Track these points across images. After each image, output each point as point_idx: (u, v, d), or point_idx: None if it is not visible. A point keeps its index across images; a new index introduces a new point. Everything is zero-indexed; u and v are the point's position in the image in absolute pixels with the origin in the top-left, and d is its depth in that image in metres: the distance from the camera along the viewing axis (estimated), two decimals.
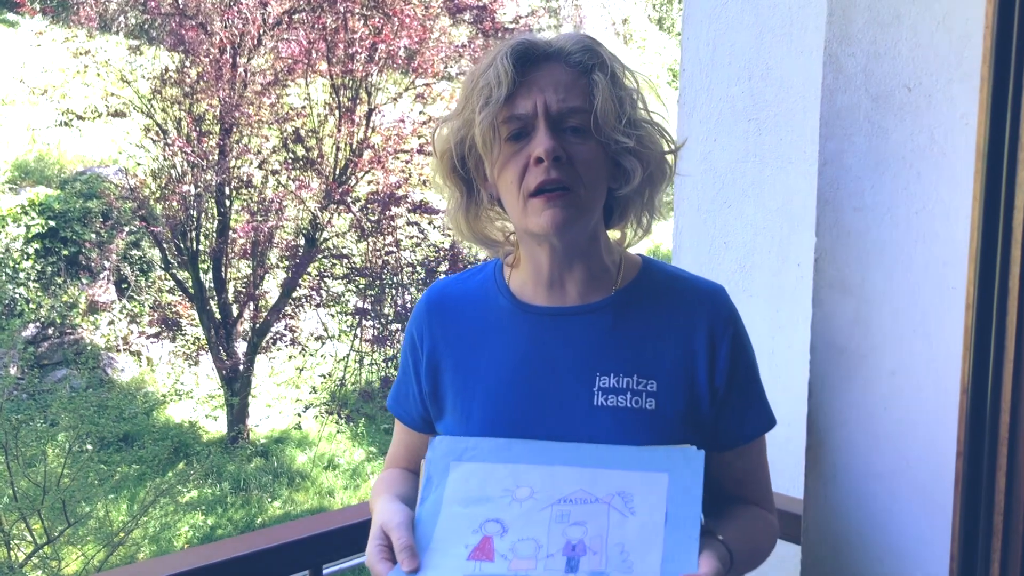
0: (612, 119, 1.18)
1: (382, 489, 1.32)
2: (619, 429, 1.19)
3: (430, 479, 1.20)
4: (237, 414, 11.18)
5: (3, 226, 11.35)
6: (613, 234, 1.32)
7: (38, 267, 11.48)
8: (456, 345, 1.30)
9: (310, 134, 11.13)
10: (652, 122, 1.24)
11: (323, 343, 11.91)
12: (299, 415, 11.27)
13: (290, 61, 10.79)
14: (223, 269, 11.24)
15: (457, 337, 1.30)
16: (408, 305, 10.91)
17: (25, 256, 11.41)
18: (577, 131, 1.18)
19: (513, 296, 1.30)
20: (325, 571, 1.70)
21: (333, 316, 12.23)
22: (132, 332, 12.14)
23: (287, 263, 11.28)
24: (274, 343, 11.44)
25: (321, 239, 11.21)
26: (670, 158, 1.26)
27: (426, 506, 1.18)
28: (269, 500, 10.29)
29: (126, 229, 12.04)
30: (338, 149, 11.07)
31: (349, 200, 10.86)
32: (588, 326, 1.25)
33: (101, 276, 11.98)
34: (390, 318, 11.03)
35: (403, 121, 11.17)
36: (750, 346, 1.31)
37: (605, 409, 1.21)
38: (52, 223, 11.64)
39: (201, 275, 11.18)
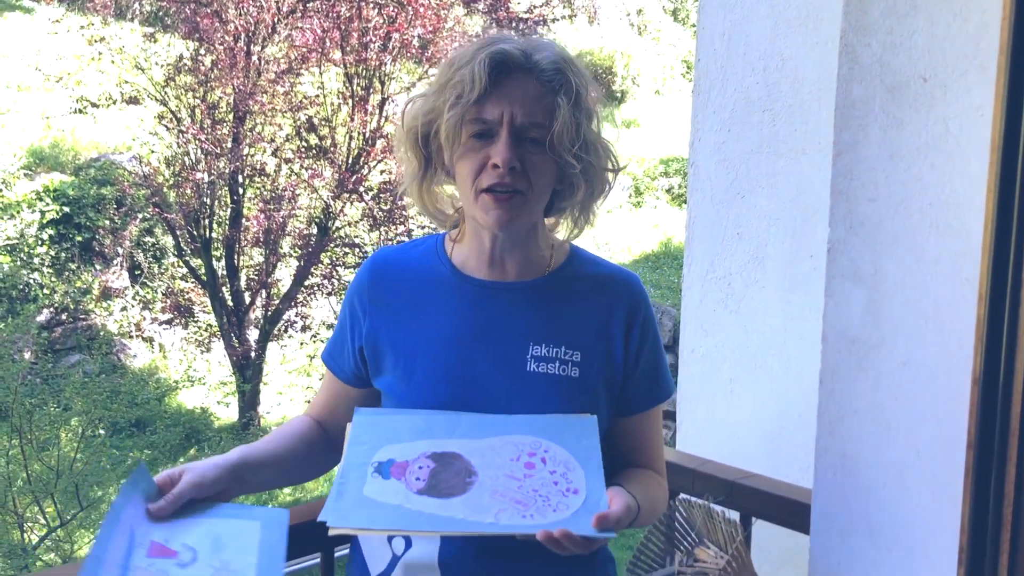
0: (567, 141, 1.30)
1: (272, 435, 1.45)
2: (549, 392, 1.35)
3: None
4: (248, 401, 11.23)
5: (18, 212, 11.42)
6: (549, 221, 1.45)
7: (52, 253, 11.55)
8: (398, 309, 1.41)
9: (323, 123, 11.14)
10: (600, 142, 1.37)
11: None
12: (307, 402, 11.31)
13: (304, 50, 10.79)
14: (236, 257, 11.28)
15: (399, 303, 1.41)
16: None
17: (39, 242, 11.47)
18: (535, 142, 1.29)
19: (454, 267, 1.42)
20: (337, 554, 1.71)
21: None
22: (145, 318, 12.21)
23: (299, 251, 11.31)
24: (286, 331, 11.49)
25: (333, 228, 11.23)
26: (611, 176, 1.40)
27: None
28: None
29: (140, 216, 12.10)
30: (351, 138, 11.08)
31: (361, 189, 10.88)
32: (524, 300, 1.39)
33: (115, 262, 12.05)
34: None
35: None
36: (656, 326, 1.48)
37: (537, 375, 1.36)
38: (66, 209, 11.70)
39: (214, 262, 11.23)
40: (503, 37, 1.34)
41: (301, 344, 11.83)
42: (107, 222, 11.87)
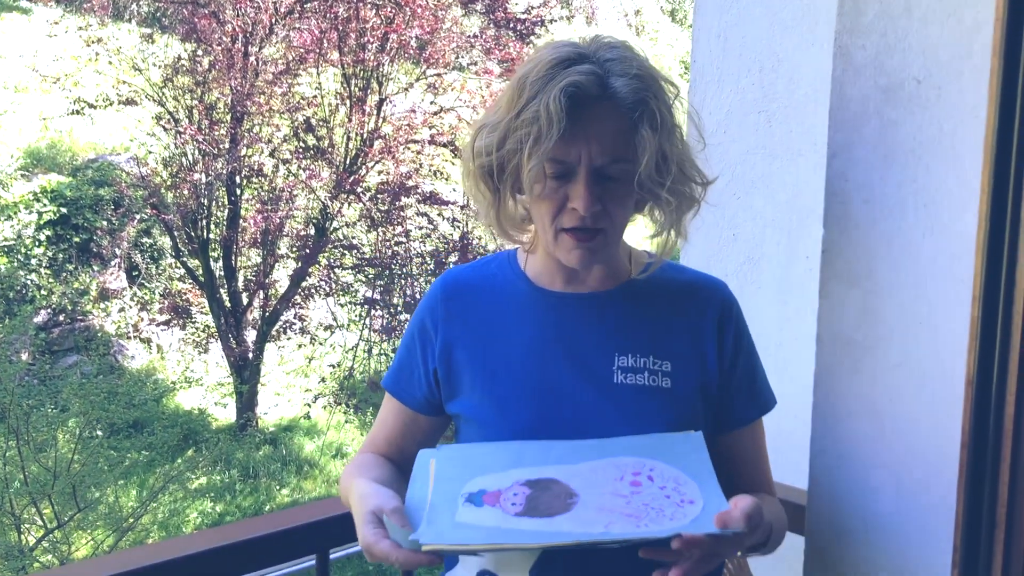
0: (654, 175, 1.20)
1: (358, 473, 1.32)
2: (638, 405, 1.26)
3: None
4: (246, 402, 11.23)
5: (15, 213, 11.41)
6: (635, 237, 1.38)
7: (50, 254, 11.54)
8: (474, 327, 1.34)
9: (321, 123, 11.14)
10: (687, 159, 1.27)
11: (332, 332, 11.95)
12: (308, 405, 11.31)
13: (302, 50, 10.79)
14: (233, 258, 11.28)
15: (475, 320, 1.34)
16: (417, 295, 10.93)
17: (37, 243, 11.47)
18: (615, 179, 1.21)
19: (530, 280, 1.35)
20: (332, 555, 1.71)
21: (342, 306, 12.27)
22: (142, 319, 12.20)
23: (297, 252, 11.31)
24: (283, 332, 11.49)
25: (331, 229, 11.23)
26: (699, 189, 1.30)
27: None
28: (277, 488, 10.35)
29: (137, 217, 12.09)
30: (349, 139, 11.08)
31: (359, 190, 10.88)
32: (605, 310, 1.32)
33: (112, 263, 12.04)
34: (399, 308, 11.05)
35: (414, 111, 11.17)
36: (750, 334, 1.39)
37: (625, 386, 1.27)
38: (64, 210, 11.69)
39: (211, 263, 11.23)
40: (574, 55, 1.21)
41: (299, 346, 11.82)
42: (104, 223, 11.86)
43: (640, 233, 1.55)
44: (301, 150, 11.11)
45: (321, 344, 11.86)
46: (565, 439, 1.23)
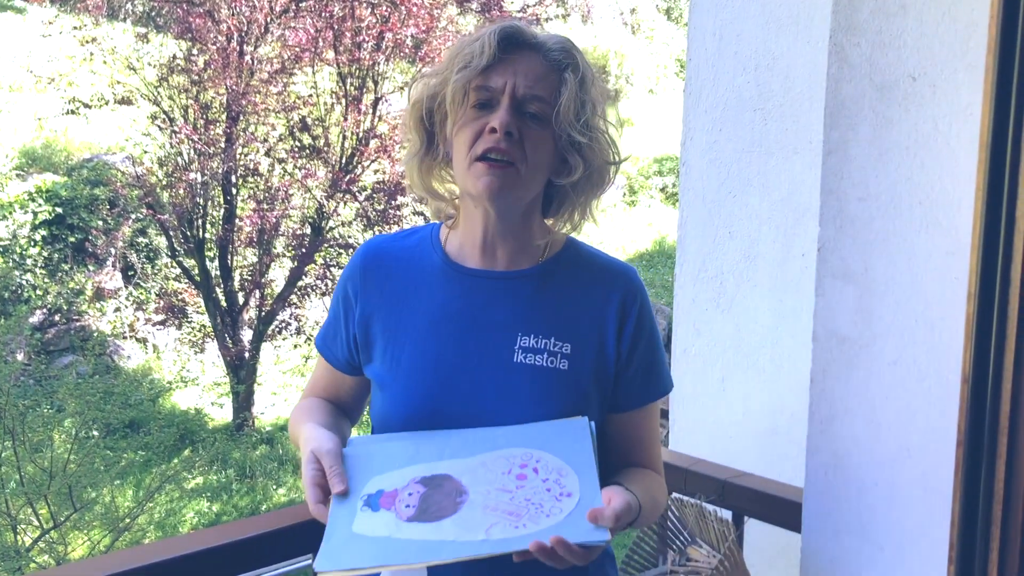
0: (571, 116, 1.30)
1: (305, 417, 1.42)
2: (535, 385, 1.33)
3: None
4: (243, 402, 11.21)
5: (10, 213, 11.38)
6: (548, 222, 1.44)
7: (45, 254, 11.51)
8: (389, 298, 1.41)
9: (316, 123, 11.12)
10: (605, 131, 1.37)
11: None
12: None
13: (297, 49, 10.76)
14: (229, 257, 11.25)
15: (391, 291, 1.41)
16: None
17: (32, 243, 11.44)
18: (535, 117, 1.30)
19: (446, 256, 1.41)
20: None
21: None
22: (138, 319, 12.18)
23: (293, 252, 11.29)
24: (280, 331, 11.46)
25: (327, 228, 11.21)
26: (611, 169, 1.39)
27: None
28: (274, 487, 10.33)
29: (133, 216, 12.06)
30: (344, 138, 11.06)
31: (355, 189, 10.86)
32: (513, 290, 1.38)
33: (107, 263, 12.02)
34: None
35: None
36: (654, 321, 1.45)
37: (524, 366, 1.34)
38: (59, 210, 11.66)
39: (207, 263, 11.20)
40: (515, 20, 1.37)
41: (295, 346, 11.81)
42: (100, 223, 11.84)
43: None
44: (297, 149, 11.09)
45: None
46: (461, 412, 1.32)
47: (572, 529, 1.14)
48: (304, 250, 10.99)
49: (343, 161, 10.98)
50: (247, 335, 11.35)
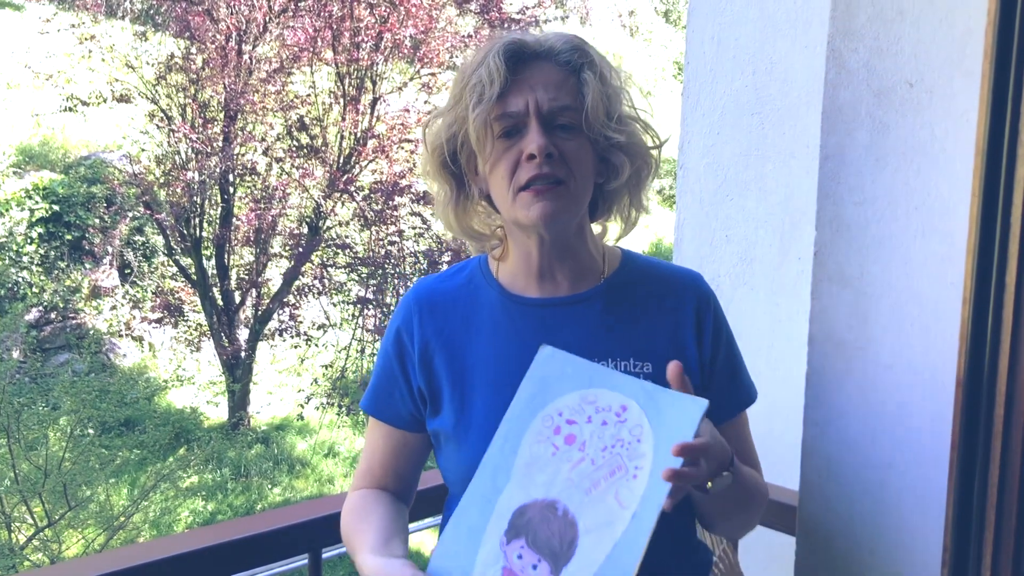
0: (602, 116, 1.22)
1: (360, 527, 1.29)
2: None
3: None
4: (238, 401, 11.21)
5: (7, 210, 11.37)
6: (596, 228, 1.37)
7: (41, 251, 11.50)
8: (449, 339, 1.31)
9: (314, 122, 11.13)
10: (638, 118, 1.29)
11: (325, 332, 11.93)
12: (301, 405, 11.30)
13: (295, 49, 10.78)
14: (226, 256, 11.26)
15: (450, 332, 1.31)
16: None
17: (29, 240, 11.43)
18: (567, 128, 1.22)
19: (503, 288, 1.32)
20: (324, 554, 1.71)
21: (335, 305, 12.25)
22: (134, 317, 12.17)
23: (290, 251, 11.30)
24: (276, 331, 11.46)
25: (324, 228, 11.22)
26: (655, 152, 1.31)
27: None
28: (269, 487, 10.33)
29: (130, 215, 12.06)
30: (342, 138, 11.07)
31: (352, 189, 10.87)
32: (581, 314, 1.29)
33: (104, 261, 12.01)
34: (392, 308, 11.04)
35: (408, 110, 11.16)
36: (729, 326, 1.37)
37: None
38: (56, 208, 11.66)
39: (204, 262, 11.20)
40: (512, 32, 1.27)
41: (292, 346, 11.81)
42: (97, 221, 11.83)
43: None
44: (294, 149, 11.09)
45: (314, 343, 11.85)
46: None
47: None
48: (301, 250, 11.00)
49: (341, 161, 10.99)
50: (243, 334, 11.36)
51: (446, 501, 1.39)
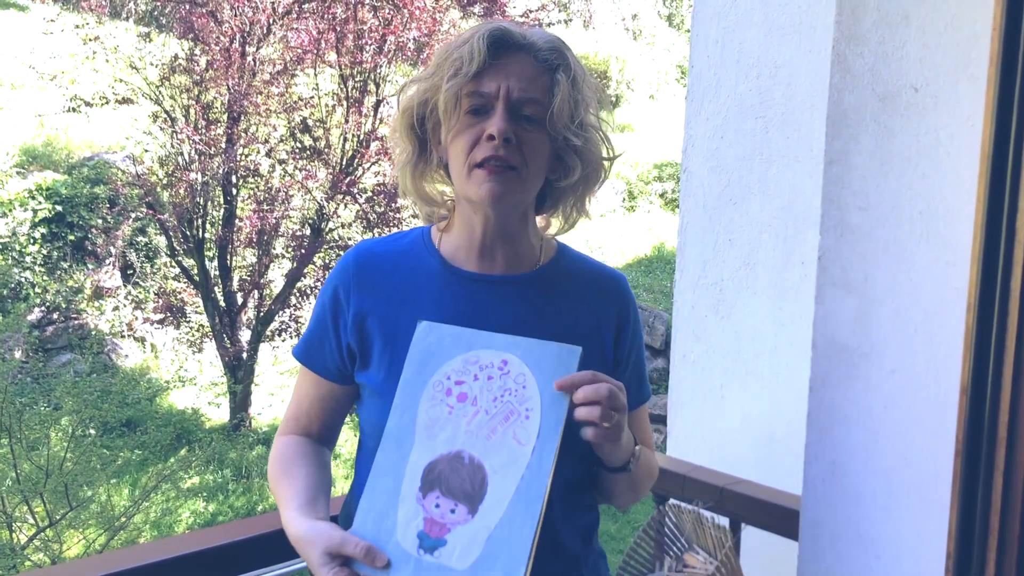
0: (566, 117, 1.30)
1: (287, 484, 1.36)
2: None
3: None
4: (240, 402, 11.21)
5: (10, 210, 11.38)
6: (539, 220, 1.45)
7: (44, 251, 11.51)
8: (385, 301, 1.38)
9: (318, 124, 11.13)
10: (599, 127, 1.38)
11: None
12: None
13: (299, 51, 10.78)
14: (229, 257, 11.26)
15: (385, 293, 1.38)
16: None
17: (31, 240, 11.43)
18: (531, 120, 1.29)
19: (443, 259, 1.40)
20: None
21: None
22: (137, 318, 12.17)
23: (293, 253, 11.29)
24: (278, 332, 11.46)
25: (327, 229, 11.22)
26: (606, 164, 1.39)
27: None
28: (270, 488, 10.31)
29: (133, 215, 12.07)
30: (345, 140, 11.07)
31: (355, 191, 10.87)
32: (514, 295, 1.38)
33: (107, 262, 12.02)
34: None
35: None
36: (641, 328, 1.49)
37: None
38: (59, 208, 11.66)
39: (207, 263, 11.20)
40: (501, 21, 1.34)
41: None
42: (100, 221, 11.84)
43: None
44: (297, 150, 11.09)
45: None
46: None
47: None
48: (303, 251, 10.99)
49: (344, 163, 10.99)
50: (245, 335, 11.35)
51: (358, 453, 1.46)
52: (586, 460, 1.37)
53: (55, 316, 11.44)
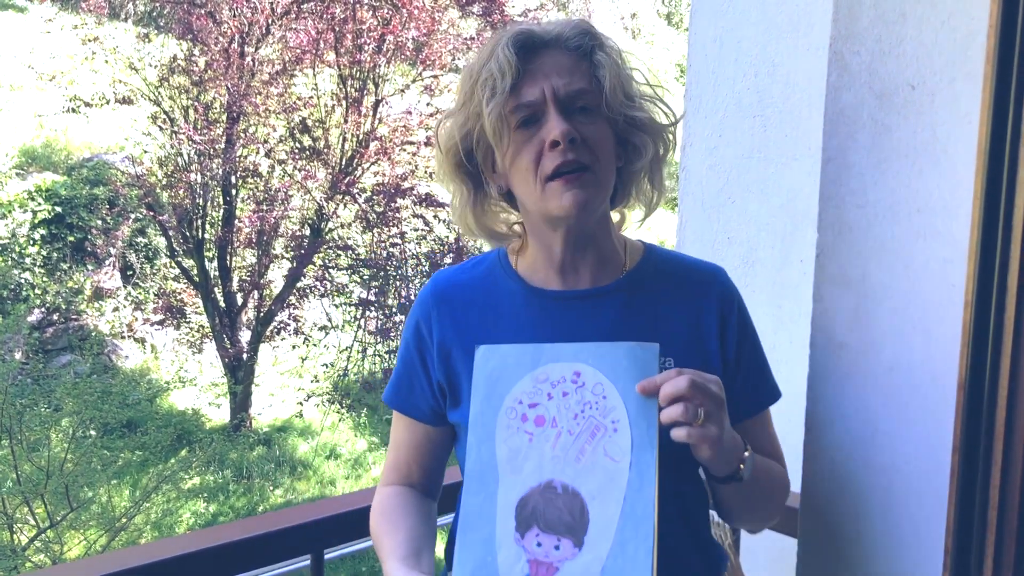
0: (621, 95, 1.20)
1: (390, 538, 1.27)
2: None
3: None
4: (240, 402, 11.22)
5: (10, 211, 11.39)
6: (614, 216, 1.34)
7: (44, 253, 11.51)
8: (468, 331, 1.29)
9: (317, 124, 11.14)
10: (655, 96, 1.26)
11: (326, 333, 11.94)
12: (301, 404, 11.30)
13: (298, 51, 10.79)
14: (228, 258, 11.27)
15: (468, 323, 1.29)
16: (412, 296, 10.93)
17: (31, 241, 11.44)
18: (586, 111, 1.19)
19: (524, 281, 1.30)
20: (327, 556, 1.71)
21: (337, 306, 12.26)
22: (137, 319, 12.18)
23: (292, 253, 11.30)
24: (278, 332, 11.47)
25: (326, 229, 11.23)
26: (672, 130, 1.28)
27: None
28: (271, 488, 10.33)
29: (132, 216, 12.08)
30: (344, 140, 11.08)
31: (355, 191, 10.88)
32: (602, 308, 1.27)
33: (106, 263, 12.02)
34: (394, 309, 11.05)
35: (410, 113, 11.17)
36: (752, 322, 1.35)
37: None
38: (58, 209, 11.67)
39: (206, 263, 11.21)
40: (518, 24, 1.25)
41: (293, 347, 11.81)
42: (99, 222, 11.85)
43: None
44: (297, 151, 11.10)
45: (315, 345, 11.85)
46: None
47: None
48: (303, 251, 11.01)
49: (343, 163, 11.00)
50: (245, 336, 11.37)
51: (460, 494, 1.37)
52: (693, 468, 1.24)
53: (55, 317, 11.44)
